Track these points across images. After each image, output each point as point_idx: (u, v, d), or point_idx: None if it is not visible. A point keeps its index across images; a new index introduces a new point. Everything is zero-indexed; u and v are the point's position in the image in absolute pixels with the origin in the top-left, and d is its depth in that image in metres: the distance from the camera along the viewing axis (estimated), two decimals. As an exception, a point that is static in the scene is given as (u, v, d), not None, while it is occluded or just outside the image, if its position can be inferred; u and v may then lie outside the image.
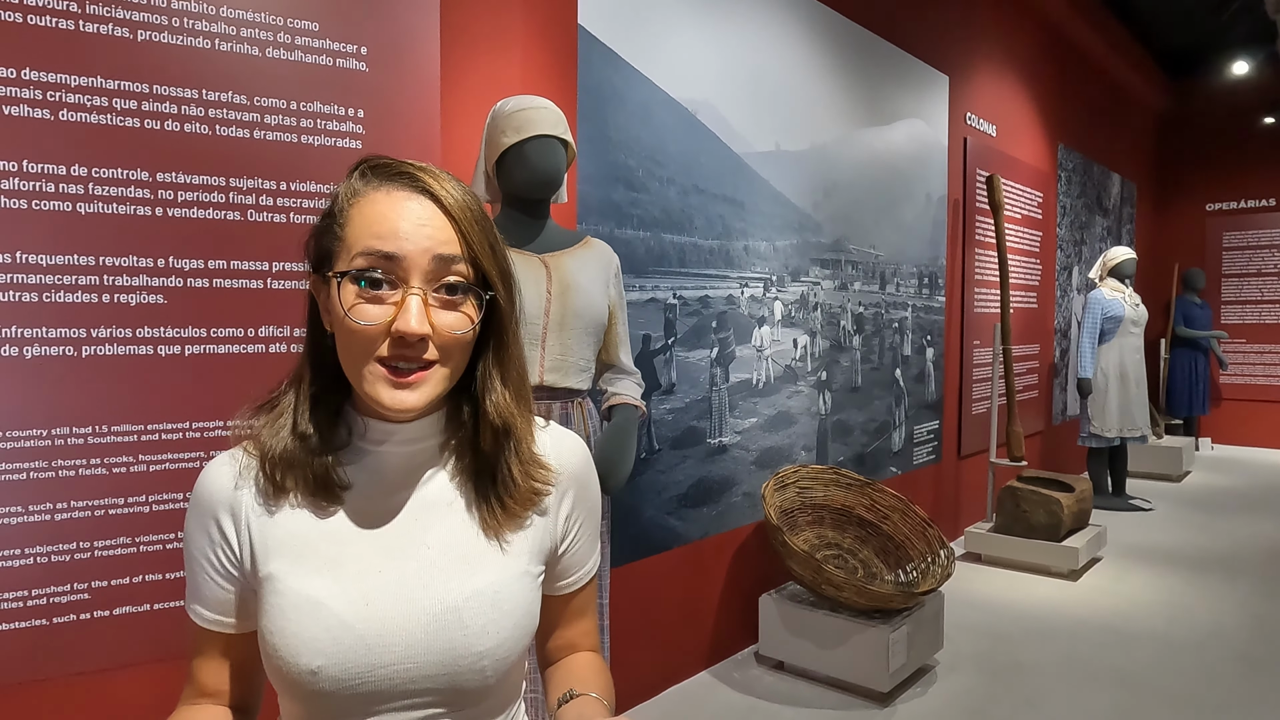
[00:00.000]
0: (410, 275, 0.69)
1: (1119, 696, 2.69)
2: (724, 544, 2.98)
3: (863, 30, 3.73)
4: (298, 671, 0.69)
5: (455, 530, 0.77)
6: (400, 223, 0.69)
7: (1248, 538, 4.67)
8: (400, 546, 0.75)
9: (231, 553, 0.74)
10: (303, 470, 0.73)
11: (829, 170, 3.55)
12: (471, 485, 0.79)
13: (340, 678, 0.69)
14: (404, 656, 0.71)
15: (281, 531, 0.73)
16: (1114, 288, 5.06)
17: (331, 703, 0.70)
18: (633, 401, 1.87)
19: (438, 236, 0.70)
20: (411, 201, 0.70)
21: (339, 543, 0.73)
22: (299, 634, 0.69)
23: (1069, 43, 6.01)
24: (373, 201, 0.71)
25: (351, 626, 0.70)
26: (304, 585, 0.71)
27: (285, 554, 0.73)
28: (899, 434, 4.09)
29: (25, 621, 1.46)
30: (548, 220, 1.83)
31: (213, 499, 0.74)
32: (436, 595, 0.73)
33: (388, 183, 0.71)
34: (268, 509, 0.74)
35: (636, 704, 2.59)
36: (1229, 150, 7.94)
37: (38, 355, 1.45)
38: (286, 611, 0.70)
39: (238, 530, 0.74)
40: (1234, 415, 7.89)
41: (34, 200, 1.44)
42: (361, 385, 0.71)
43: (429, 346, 0.70)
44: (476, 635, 0.72)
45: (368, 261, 0.68)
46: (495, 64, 2.16)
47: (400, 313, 0.68)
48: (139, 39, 1.52)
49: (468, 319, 0.72)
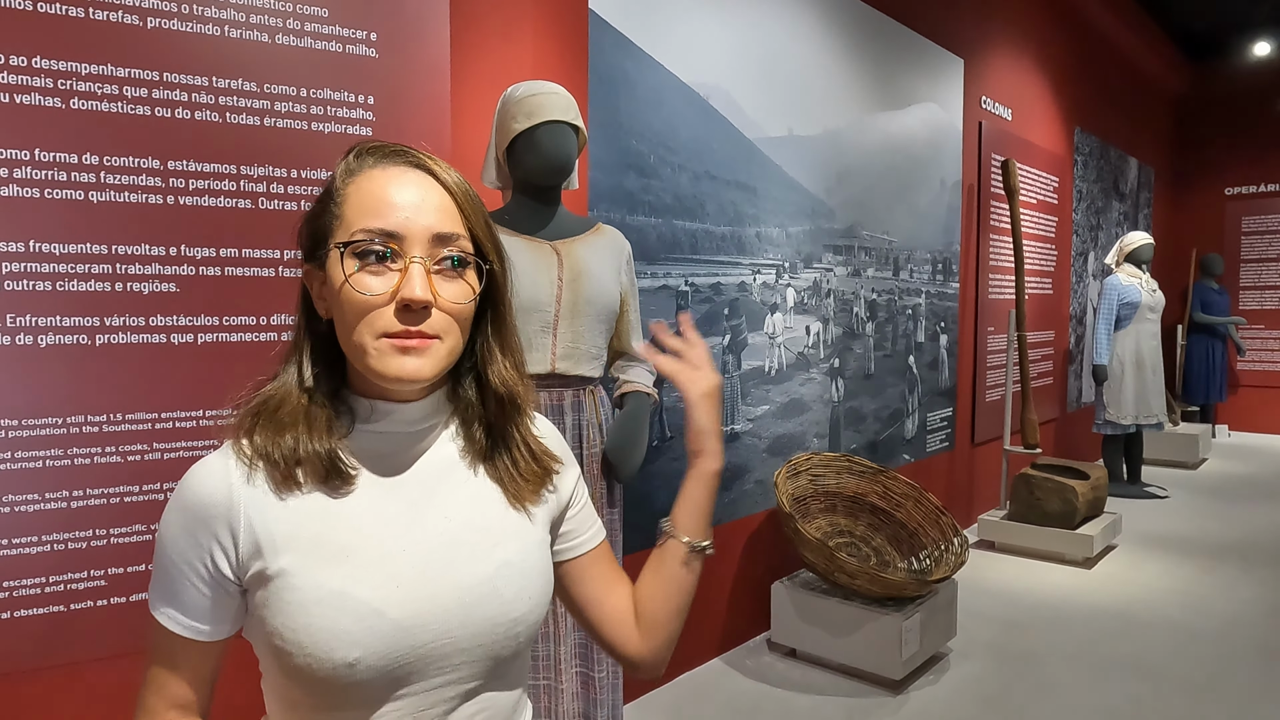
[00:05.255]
0: (412, 248, 0.69)
1: (1133, 685, 2.68)
2: (736, 531, 2.98)
3: (876, 13, 3.69)
4: (332, 666, 0.66)
5: (473, 502, 0.77)
6: (400, 198, 0.70)
7: (1264, 526, 4.62)
8: (420, 524, 0.74)
9: (226, 562, 0.70)
10: (312, 457, 0.71)
11: (842, 155, 3.51)
12: (482, 457, 0.79)
13: (379, 665, 0.68)
14: (442, 634, 0.71)
15: (289, 525, 0.70)
16: (1131, 273, 5.01)
17: (368, 691, 0.69)
18: (645, 389, 1.86)
19: (438, 212, 0.71)
20: (409, 177, 0.71)
21: (354, 528, 0.72)
22: (329, 628, 0.67)
23: (1086, 24, 5.91)
24: (370, 179, 0.71)
25: (383, 612, 0.68)
26: (323, 577, 0.68)
27: (296, 548, 0.69)
28: (912, 421, 4.07)
29: (44, 608, 1.47)
30: (559, 207, 1.82)
31: (203, 504, 0.70)
32: (467, 568, 0.73)
33: (384, 161, 0.72)
34: (271, 504, 0.70)
35: (648, 691, 2.60)
36: (1249, 133, 7.81)
37: (52, 344, 1.45)
38: (308, 607, 0.67)
39: (236, 537, 0.69)
40: (1251, 402, 7.80)
41: (46, 189, 1.44)
42: (366, 361, 0.69)
43: (433, 315, 0.70)
44: (512, 603, 0.74)
45: (369, 235, 0.68)
46: (506, 49, 2.15)
47: (404, 280, 0.68)
48: (149, 26, 1.51)
49: (469, 289, 0.72)
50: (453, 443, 0.79)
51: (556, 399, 1.74)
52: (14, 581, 1.44)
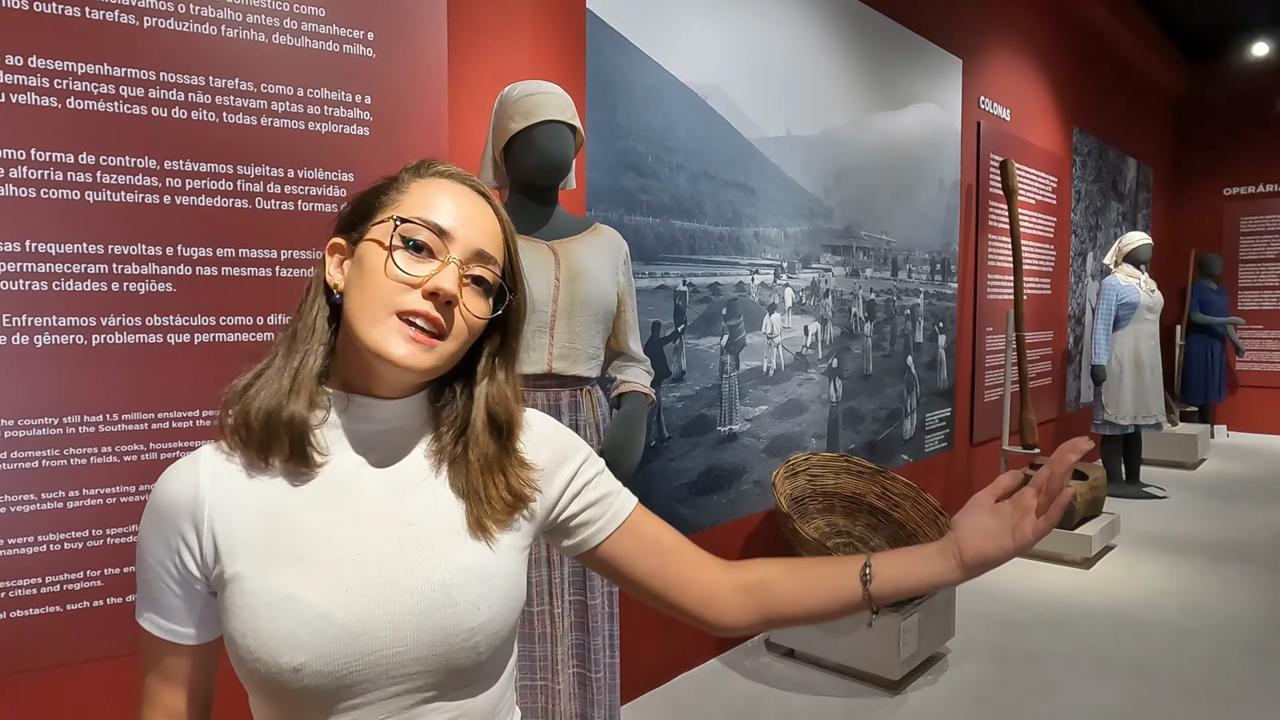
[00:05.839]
0: (454, 251, 0.73)
1: (1131, 686, 2.68)
2: (734, 532, 2.98)
3: (874, 13, 3.69)
4: (278, 671, 0.66)
5: (437, 506, 0.75)
6: (459, 208, 0.74)
7: (1263, 526, 4.62)
8: (378, 528, 0.73)
9: (193, 561, 0.71)
10: (287, 423, 0.71)
11: (840, 155, 3.51)
12: (448, 466, 0.77)
13: (325, 671, 0.67)
14: (392, 641, 0.69)
15: (246, 527, 0.70)
16: (1129, 274, 5.01)
17: (317, 697, 0.68)
18: (642, 389, 1.86)
19: (486, 234, 0.75)
20: (471, 198, 0.76)
21: (309, 530, 0.71)
22: (274, 632, 0.66)
23: (1085, 24, 5.91)
24: (436, 185, 0.76)
25: (330, 617, 0.67)
26: (274, 580, 0.68)
27: (251, 550, 0.69)
28: (910, 421, 4.07)
29: (40, 608, 1.47)
30: (556, 207, 1.82)
31: (170, 504, 0.71)
32: (422, 574, 0.71)
33: (450, 178, 0.77)
34: (231, 506, 0.71)
35: (647, 691, 2.60)
36: (1247, 134, 7.82)
37: (48, 344, 1.45)
38: (257, 610, 0.67)
39: (199, 533, 0.70)
40: (1250, 402, 7.81)
41: (42, 189, 1.44)
42: (373, 335, 0.69)
43: (450, 315, 0.72)
44: (468, 612, 0.72)
45: (422, 223, 0.72)
46: (503, 49, 2.15)
47: (440, 271, 0.71)
48: (145, 26, 1.51)
49: (487, 309, 0.76)
50: (423, 446, 0.78)
51: (553, 399, 1.73)
52: (10, 582, 1.44)
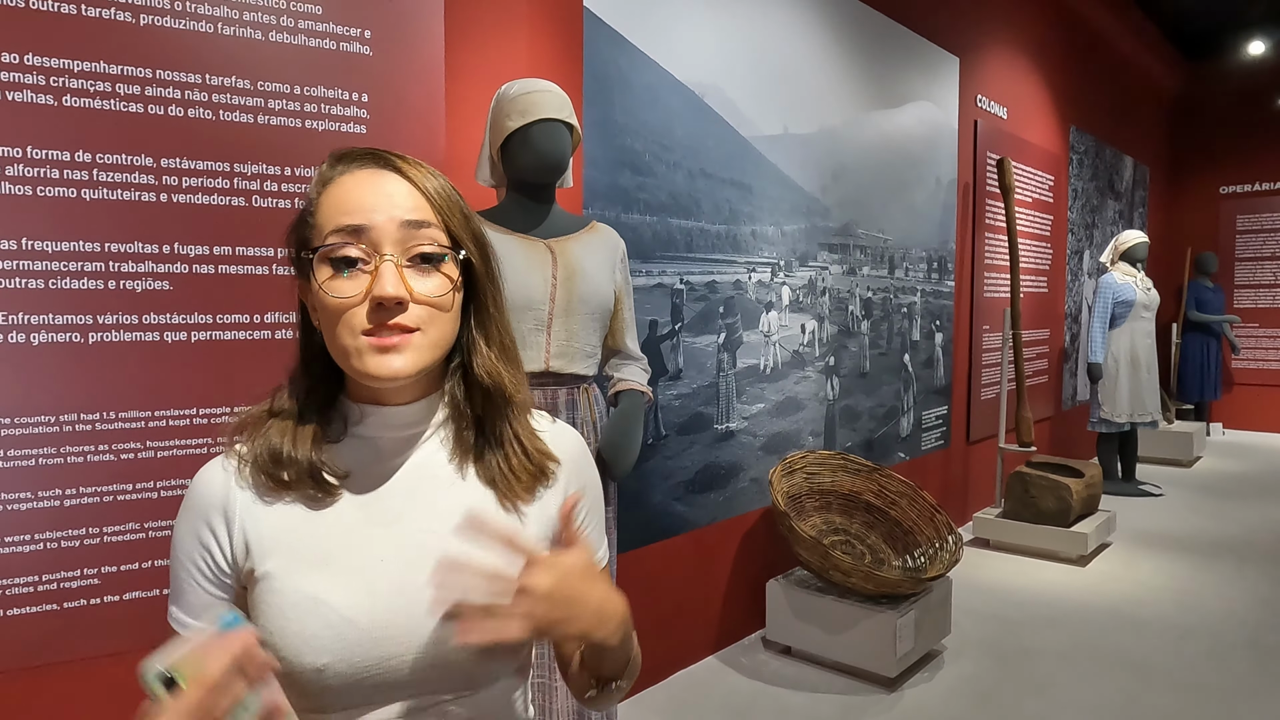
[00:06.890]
0: (382, 245, 0.70)
1: (1127, 682, 2.69)
2: (731, 529, 2.98)
3: (871, 11, 3.69)
4: (301, 670, 0.69)
5: (460, 510, 0.75)
6: (366, 197, 0.70)
7: (1258, 523, 4.64)
8: (402, 533, 0.74)
9: (223, 556, 0.72)
10: (295, 464, 0.72)
11: (837, 154, 3.52)
12: (472, 458, 0.78)
13: (347, 673, 0.69)
14: (412, 647, 0.70)
15: (277, 529, 0.72)
16: (1126, 272, 5.02)
17: (338, 695, 0.70)
18: (639, 387, 1.86)
19: (404, 204, 0.71)
20: (377, 177, 0.72)
21: (337, 536, 0.73)
22: (300, 633, 0.69)
23: (1082, 23, 5.92)
24: (340, 184, 0.72)
25: (354, 621, 0.69)
26: (302, 582, 0.70)
27: (281, 551, 0.71)
28: (907, 419, 4.08)
29: (36, 606, 1.47)
30: (553, 205, 1.82)
31: (204, 502, 0.73)
32: None
33: (353, 165, 0.73)
34: (262, 507, 0.73)
35: (644, 689, 2.60)
36: (1243, 132, 7.83)
37: (45, 342, 1.45)
38: (285, 610, 0.69)
39: (230, 532, 0.72)
40: (1246, 400, 7.83)
41: (39, 187, 1.43)
42: (349, 362, 0.70)
43: (409, 310, 0.70)
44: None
45: (339, 238, 0.69)
46: (500, 47, 2.14)
47: (375, 279, 0.69)
48: (141, 23, 1.51)
49: (447, 281, 0.72)
50: (442, 447, 0.78)
51: (551, 397, 1.74)
52: (6, 580, 1.44)
